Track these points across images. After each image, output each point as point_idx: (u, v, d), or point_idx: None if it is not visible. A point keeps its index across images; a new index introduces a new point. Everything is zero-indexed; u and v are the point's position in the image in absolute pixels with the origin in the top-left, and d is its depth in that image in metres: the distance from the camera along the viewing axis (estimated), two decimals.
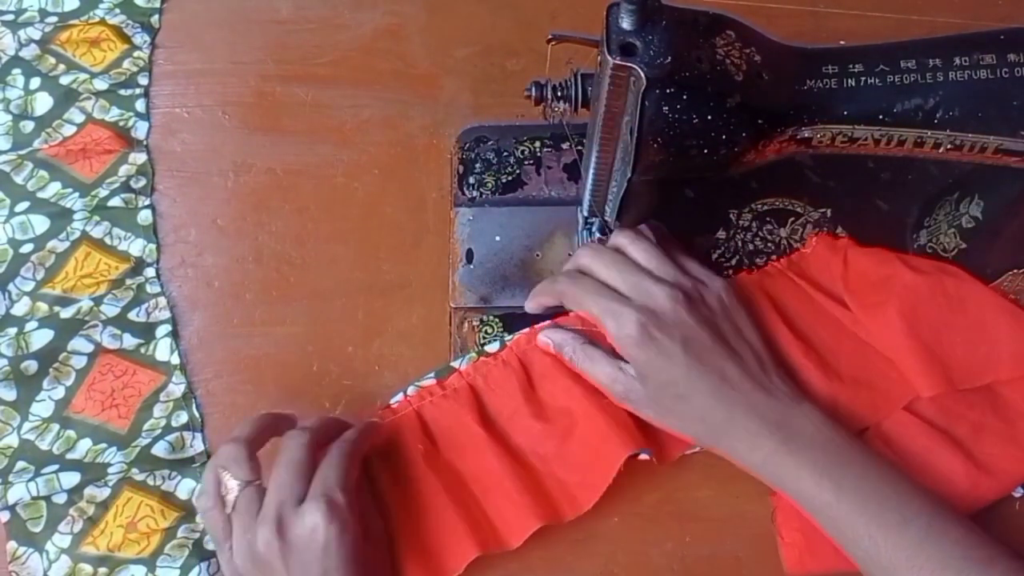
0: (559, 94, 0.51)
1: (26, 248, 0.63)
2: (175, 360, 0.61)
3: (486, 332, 0.61)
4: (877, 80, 0.48)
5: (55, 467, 0.57)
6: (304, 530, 0.48)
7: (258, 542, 0.48)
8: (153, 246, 0.64)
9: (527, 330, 0.59)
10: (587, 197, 0.56)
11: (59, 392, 0.59)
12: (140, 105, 0.68)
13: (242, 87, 0.69)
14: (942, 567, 0.48)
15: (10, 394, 0.59)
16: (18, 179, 0.65)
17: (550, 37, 0.50)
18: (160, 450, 0.58)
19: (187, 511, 0.57)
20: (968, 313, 0.58)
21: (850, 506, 0.50)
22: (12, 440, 0.58)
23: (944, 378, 0.57)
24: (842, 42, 0.57)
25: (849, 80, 0.48)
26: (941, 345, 0.57)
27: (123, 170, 0.66)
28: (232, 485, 0.50)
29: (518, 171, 0.66)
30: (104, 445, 0.58)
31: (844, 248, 0.62)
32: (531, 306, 0.59)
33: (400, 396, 0.58)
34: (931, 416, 0.57)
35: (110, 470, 0.57)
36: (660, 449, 0.57)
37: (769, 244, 0.64)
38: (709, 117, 0.46)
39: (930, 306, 0.58)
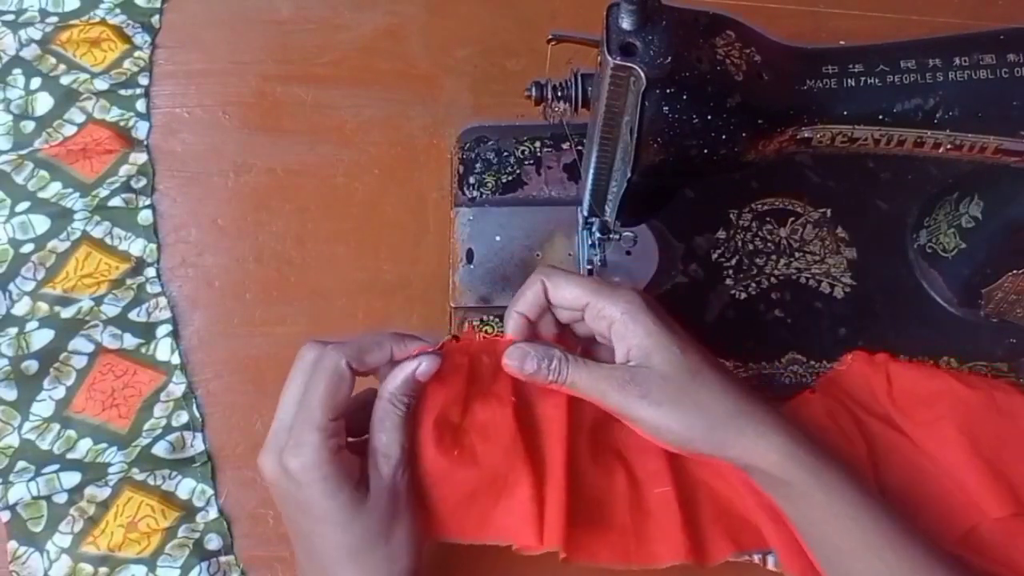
0: (559, 94, 0.51)
1: (27, 248, 0.63)
2: (175, 360, 0.61)
3: (486, 332, 0.61)
4: (877, 80, 0.48)
5: (56, 467, 0.57)
6: (269, 479, 0.46)
7: (263, 471, 0.47)
8: (153, 246, 0.64)
9: None
10: (587, 197, 0.56)
11: (60, 392, 0.59)
12: (141, 105, 0.68)
13: (242, 87, 0.69)
14: None
15: (11, 394, 0.59)
16: (19, 179, 0.65)
17: (550, 37, 0.50)
18: (160, 450, 0.58)
19: (187, 511, 0.57)
20: (1023, 429, 0.56)
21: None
22: (13, 440, 0.58)
23: (1012, 497, 0.53)
24: (842, 42, 0.57)
25: (849, 80, 0.48)
26: (1003, 462, 0.54)
27: (124, 170, 0.66)
28: None
29: (518, 171, 0.66)
30: (104, 445, 0.58)
31: (884, 363, 0.58)
32: (512, 327, 0.51)
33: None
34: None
35: (111, 470, 0.57)
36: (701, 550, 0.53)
37: (769, 244, 0.64)
38: (709, 117, 0.46)
39: (986, 422, 0.55)
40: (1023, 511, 0.53)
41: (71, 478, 0.57)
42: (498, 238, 0.64)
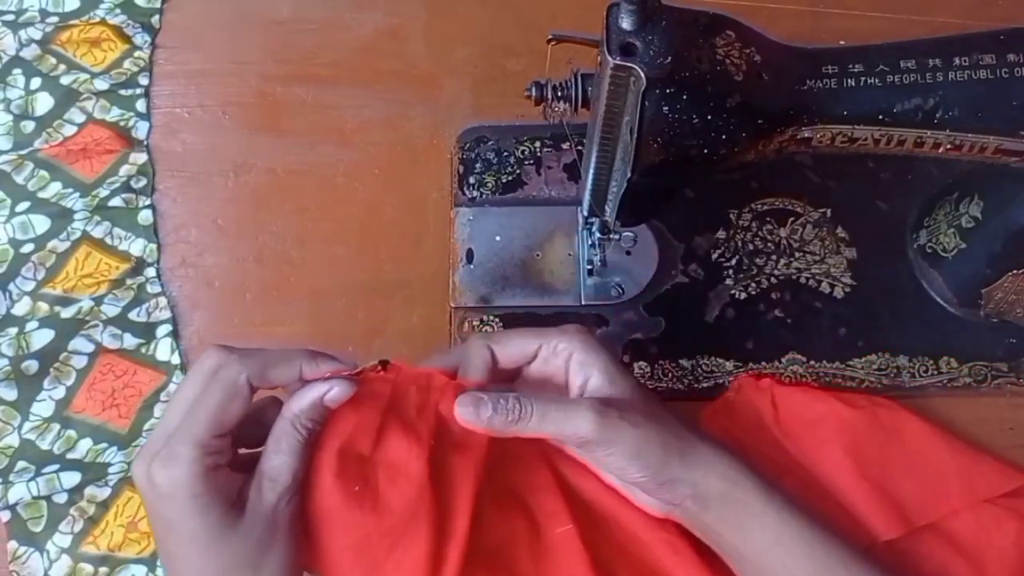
0: (559, 94, 0.51)
1: (27, 248, 0.63)
2: (176, 360, 0.61)
3: (486, 332, 0.61)
4: (877, 80, 0.48)
5: (56, 467, 0.57)
6: (139, 486, 0.42)
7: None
8: (154, 246, 0.64)
9: None
10: (587, 197, 0.56)
11: (60, 392, 0.59)
12: (141, 105, 0.68)
13: (243, 87, 0.69)
14: None
15: (11, 394, 0.59)
16: (19, 179, 0.65)
17: (550, 37, 0.50)
18: None
19: None
20: (907, 445, 0.56)
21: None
22: (13, 440, 0.58)
23: (900, 517, 0.54)
24: (842, 42, 0.57)
25: (849, 80, 0.48)
26: (890, 480, 0.55)
27: (124, 170, 0.66)
28: None
29: (518, 171, 0.66)
30: (105, 445, 0.58)
31: (770, 388, 0.59)
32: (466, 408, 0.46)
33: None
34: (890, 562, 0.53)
35: (111, 470, 0.57)
36: None
37: (769, 244, 0.64)
38: (709, 117, 0.46)
39: (870, 441, 0.56)
40: (912, 530, 0.54)
41: (71, 478, 0.57)
42: (498, 238, 0.64)
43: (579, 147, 0.62)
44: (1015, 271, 0.58)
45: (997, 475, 0.56)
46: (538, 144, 0.67)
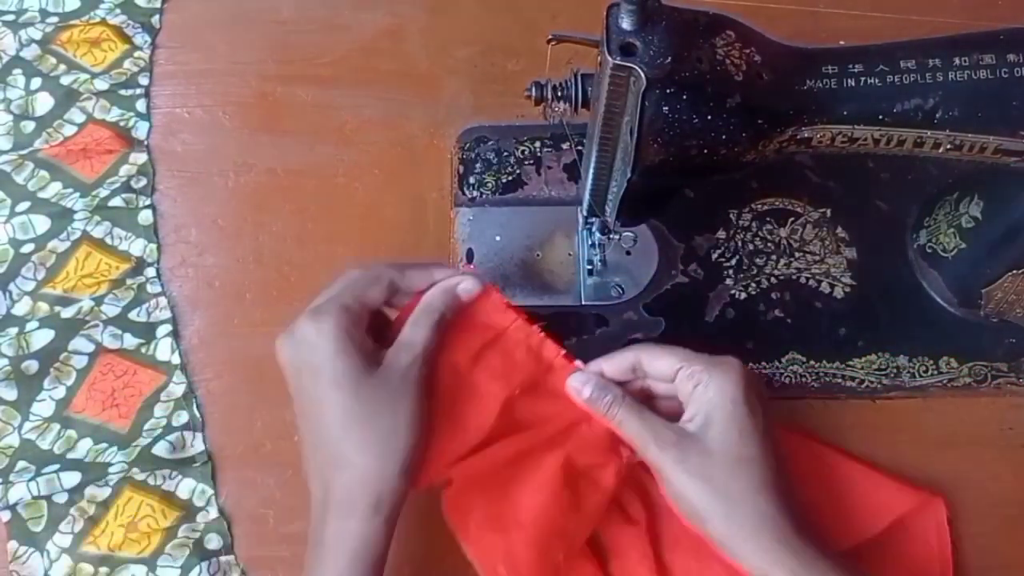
0: (559, 94, 0.51)
1: (27, 248, 0.63)
2: (176, 360, 0.61)
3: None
4: (877, 80, 0.48)
5: (56, 467, 0.57)
6: (291, 340, 0.50)
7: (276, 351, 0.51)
8: (154, 246, 0.64)
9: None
10: (587, 197, 0.56)
11: (60, 392, 0.59)
12: (141, 105, 0.68)
13: (243, 87, 0.69)
14: None
15: (11, 394, 0.59)
16: (19, 179, 0.65)
17: (550, 37, 0.50)
18: (161, 450, 0.58)
19: (187, 511, 0.57)
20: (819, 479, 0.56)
21: None
22: (13, 440, 0.58)
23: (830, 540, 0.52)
24: (842, 42, 0.57)
25: (849, 80, 0.48)
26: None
27: (124, 170, 0.66)
28: None
29: (518, 171, 0.66)
30: (105, 445, 0.58)
31: None
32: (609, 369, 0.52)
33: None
34: None
35: (111, 470, 0.57)
36: None
37: (769, 244, 0.64)
38: (709, 117, 0.46)
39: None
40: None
41: (71, 478, 0.57)
42: (498, 238, 0.64)
43: (579, 147, 0.62)
44: (1015, 271, 0.58)
45: (895, 496, 0.56)
46: (538, 144, 0.67)
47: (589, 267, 0.62)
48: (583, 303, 0.62)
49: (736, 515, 0.48)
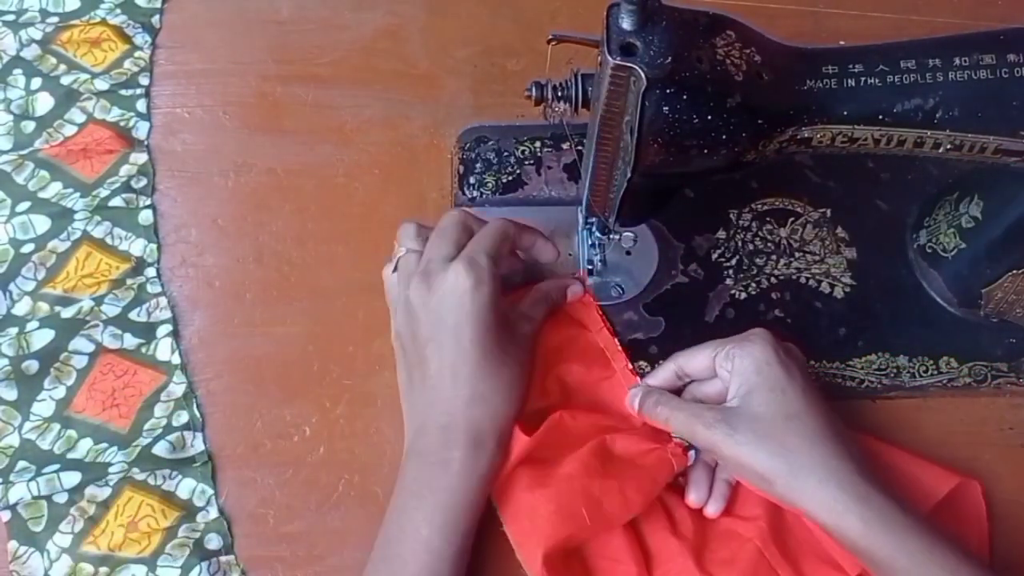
0: (559, 94, 0.51)
1: (27, 248, 0.63)
2: (176, 360, 0.61)
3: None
4: (877, 80, 0.48)
5: (56, 467, 0.57)
6: (446, 282, 0.53)
7: (410, 292, 0.54)
8: (154, 246, 0.64)
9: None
10: (587, 197, 0.56)
11: (60, 392, 0.59)
12: (141, 105, 0.68)
13: (243, 87, 0.69)
14: None
15: (11, 394, 0.59)
16: (19, 179, 0.65)
17: (550, 37, 0.50)
18: (161, 450, 0.58)
19: (188, 511, 0.57)
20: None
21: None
22: (13, 440, 0.58)
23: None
24: (842, 42, 0.57)
25: (849, 80, 0.48)
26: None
27: (124, 170, 0.66)
28: (400, 251, 0.58)
29: (518, 171, 0.66)
30: (105, 445, 0.58)
31: None
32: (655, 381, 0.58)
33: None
34: None
35: (111, 470, 0.57)
36: None
37: (769, 244, 0.64)
38: (709, 117, 0.46)
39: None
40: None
41: (71, 478, 0.57)
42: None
43: (579, 147, 0.62)
44: (1015, 271, 0.58)
45: (936, 479, 0.56)
46: (538, 144, 0.67)
47: (589, 267, 0.62)
48: None
49: (798, 471, 0.49)
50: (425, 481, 0.52)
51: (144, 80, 0.69)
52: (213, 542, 0.56)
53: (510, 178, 0.66)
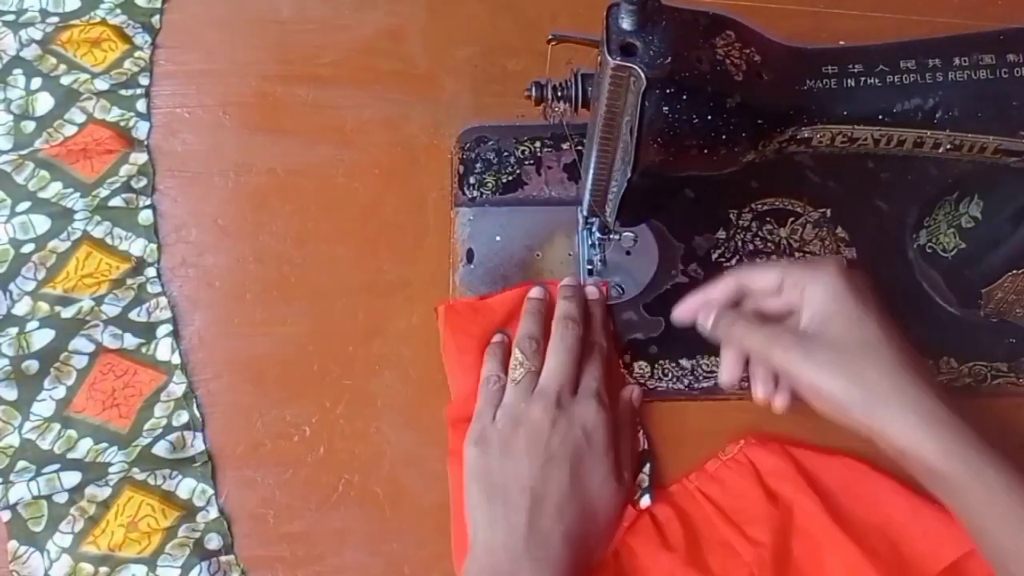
0: (559, 94, 0.51)
1: (27, 248, 0.63)
2: (176, 360, 0.61)
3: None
4: (877, 80, 0.48)
5: (56, 466, 0.57)
6: (584, 411, 0.55)
7: (534, 411, 0.55)
8: (154, 246, 0.64)
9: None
10: (587, 197, 0.56)
11: (60, 392, 0.59)
12: (141, 105, 0.68)
13: (243, 87, 0.69)
14: None
15: (11, 394, 0.59)
16: (19, 179, 0.65)
17: (550, 37, 0.50)
18: (161, 450, 0.58)
19: (188, 510, 0.57)
20: (882, 510, 0.56)
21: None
22: (13, 440, 0.58)
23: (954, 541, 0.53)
24: (842, 42, 0.57)
25: (849, 80, 0.48)
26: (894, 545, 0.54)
27: (124, 170, 0.66)
28: (524, 363, 0.57)
29: (518, 171, 0.66)
30: (105, 445, 0.58)
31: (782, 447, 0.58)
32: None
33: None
34: None
35: (111, 469, 0.57)
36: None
37: (769, 244, 0.64)
38: (709, 117, 0.46)
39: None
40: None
41: (71, 478, 0.57)
42: (498, 238, 0.64)
43: (579, 147, 0.62)
44: (1015, 271, 0.58)
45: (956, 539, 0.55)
46: (538, 144, 0.67)
47: (589, 267, 0.62)
48: None
49: (876, 397, 0.49)
50: None
51: (144, 80, 0.69)
52: (213, 542, 0.56)
53: (510, 178, 0.66)
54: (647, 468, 0.57)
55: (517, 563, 0.50)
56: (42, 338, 0.60)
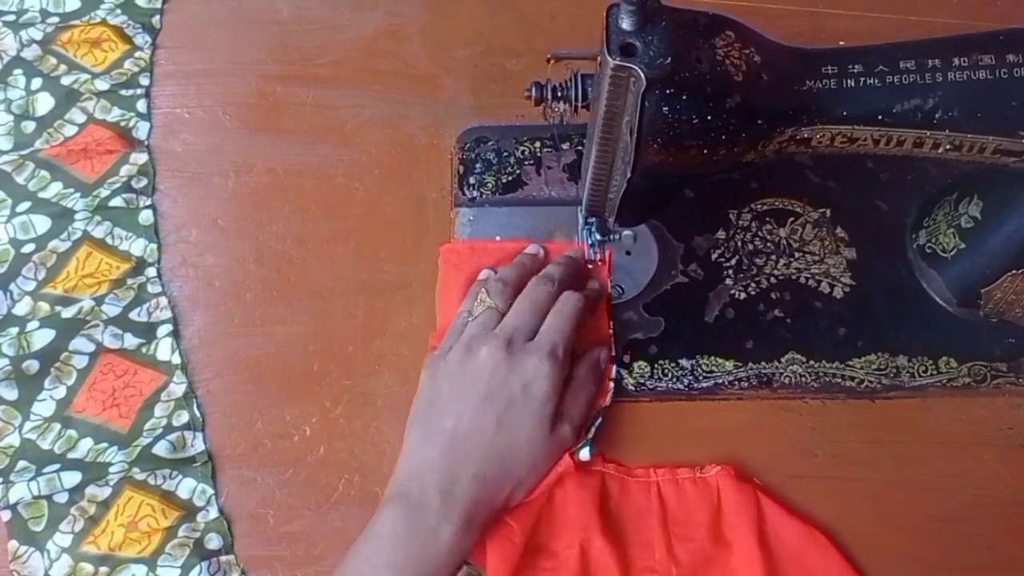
0: (559, 94, 0.51)
1: (28, 248, 0.63)
2: (176, 360, 0.61)
3: None
4: (877, 80, 0.48)
5: (56, 466, 0.57)
6: (527, 362, 0.54)
7: (483, 350, 0.54)
8: (154, 246, 0.64)
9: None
10: (587, 197, 0.57)
11: (60, 392, 0.59)
12: (141, 105, 0.68)
13: (243, 87, 0.69)
14: None
15: (11, 393, 0.59)
16: (20, 179, 0.65)
17: (550, 56, 0.50)
18: (161, 449, 0.58)
19: (188, 510, 0.57)
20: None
21: None
22: (13, 439, 0.58)
23: None
24: (842, 42, 0.58)
25: (849, 80, 0.48)
26: None
27: (124, 170, 0.66)
28: (486, 301, 0.57)
29: (518, 171, 0.66)
30: (105, 444, 0.58)
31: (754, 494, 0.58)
32: None
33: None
34: None
35: (111, 469, 0.57)
36: None
37: (769, 244, 0.64)
38: (709, 117, 0.46)
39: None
40: None
41: (72, 478, 0.57)
42: (498, 238, 0.64)
43: (579, 147, 0.62)
44: (1014, 271, 0.58)
45: None
46: (538, 144, 0.67)
47: (589, 267, 0.62)
48: None
49: None
50: (404, 542, 0.50)
51: (144, 80, 0.69)
52: (213, 542, 0.56)
53: (510, 178, 0.66)
54: (597, 423, 0.58)
55: (424, 494, 0.51)
56: (42, 338, 0.60)
